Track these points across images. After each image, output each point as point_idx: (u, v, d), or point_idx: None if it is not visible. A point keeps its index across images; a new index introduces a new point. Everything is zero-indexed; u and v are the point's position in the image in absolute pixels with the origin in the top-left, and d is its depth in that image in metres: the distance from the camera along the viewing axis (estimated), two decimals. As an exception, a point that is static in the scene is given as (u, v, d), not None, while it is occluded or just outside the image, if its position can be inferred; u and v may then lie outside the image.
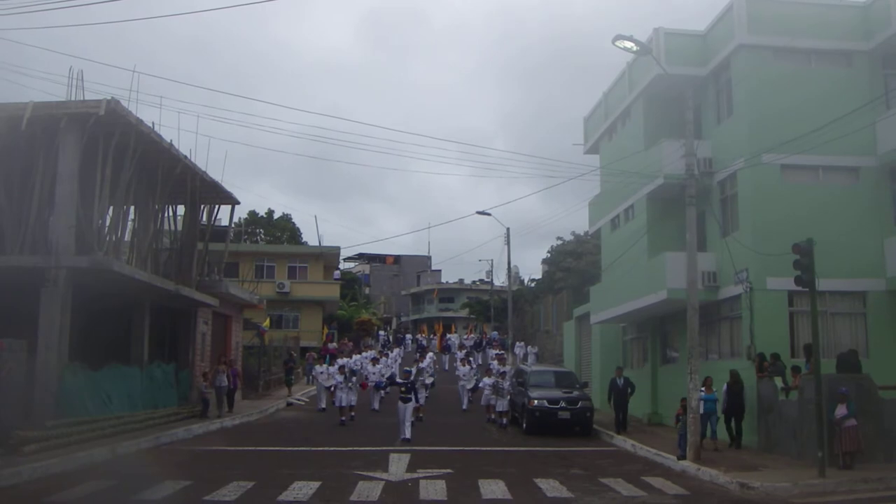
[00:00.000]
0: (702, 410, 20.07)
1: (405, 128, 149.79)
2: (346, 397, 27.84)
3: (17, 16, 17.84)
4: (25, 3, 16.56)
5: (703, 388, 20.49)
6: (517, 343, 52.74)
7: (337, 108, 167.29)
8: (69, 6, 17.04)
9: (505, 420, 27.34)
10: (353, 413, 28.20)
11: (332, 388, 29.46)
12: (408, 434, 22.64)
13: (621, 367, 25.84)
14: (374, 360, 34.96)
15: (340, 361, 32.44)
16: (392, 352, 45.83)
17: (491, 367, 32.21)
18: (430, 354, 46.41)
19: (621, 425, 25.24)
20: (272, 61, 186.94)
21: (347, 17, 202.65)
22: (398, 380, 26.38)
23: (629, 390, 26.15)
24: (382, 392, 32.03)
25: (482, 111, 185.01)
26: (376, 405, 31.57)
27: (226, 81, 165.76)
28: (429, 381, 31.88)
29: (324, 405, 31.73)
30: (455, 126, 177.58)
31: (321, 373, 32.60)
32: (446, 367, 49.06)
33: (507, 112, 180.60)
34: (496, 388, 28.01)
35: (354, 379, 29.44)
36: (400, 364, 41.30)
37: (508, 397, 27.87)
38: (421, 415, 27.28)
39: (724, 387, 21.82)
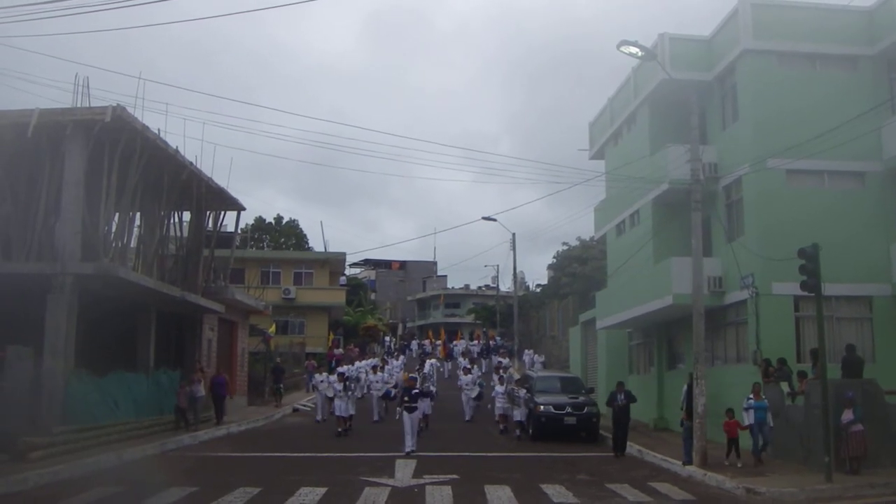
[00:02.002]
0: (751, 420, 19.24)
1: (409, 131, 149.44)
2: (346, 407, 26.64)
3: (21, 23, 17.87)
4: (29, 11, 16.62)
5: (751, 396, 19.56)
6: (525, 350, 52.22)
7: (340, 112, 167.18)
8: (71, 14, 17.10)
9: (519, 431, 26.20)
10: (349, 424, 26.90)
11: (333, 398, 27.97)
12: (413, 446, 21.47)
13: (622, 382, 23.89)
14: (376, 368, 34.01)
15: (341, 369, 32.12)
16: (396, 360, 45.09)
17: (493, 378, 31.95)
18: (432, 361, 45.62)
19: (620, 446, 22.33)
20: (273, 65, 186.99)
21: (348, 20, 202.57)
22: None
23: (629, 406, 23.03)
24: (385, 402, 30.84)
25: (486, 114, 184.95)
26: (379, 415, 30.72)
27: (227, 86, 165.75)
28: (432, 388, 30.85)
29: (322, 416, 30.50)
30: (459, 129, 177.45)
31: (321, 381, 31.07)
32: (447, 376, 47.95)
33: (511, 115, 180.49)
34: (512, 397, 26.81)
35: (354, 387, 28.26)
36: (403, 372, 40.81)
37: (525, 407, 26.27)
38: (424, 424, 26.31)
39: (685, 388, 22.26)
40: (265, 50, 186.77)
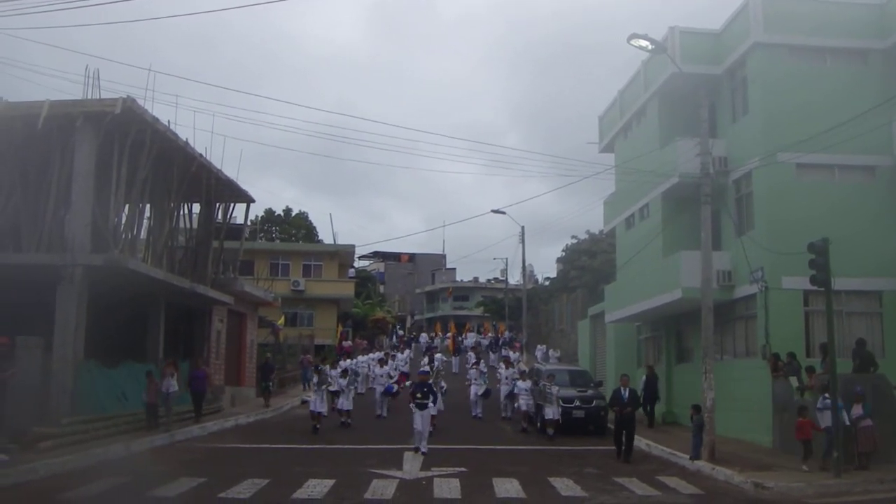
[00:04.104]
0: (828, 422, 17.23)
1: (416, 121, 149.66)
2: (321, 402, 24.94)
3: (29, 16, 17.96)
4: (37, 3, 16.65)
5: (826, 395, 17.46)
6: (538, 346, 51.47)
7: (346, 102, 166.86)
8: (77, 6, 17.13)
9: (551, 431, 24.10)
10: (347, 419, 25.85)
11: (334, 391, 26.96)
12: (424, 447, 19.94)
13: (627, 376, 22.15)
14: (382, 362, 33.11)
15: (343, 364, 31.82)
16: (402, 353, 44.25)
17: (498, 372, 31.62)
18: (439, 355, 44.73)
19: (625, 451, 19.99)
20: (279, 56, 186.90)
21: (353, 9, 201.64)
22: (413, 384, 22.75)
23: (635, 406, 21.24)
24: (388, 398, 29.65)
25: (494, 103, 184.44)
26: (382, 411, 29.27)
27: (233, 77, 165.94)
28: (443, 384, 29.11)
29: (325, 411, 27.86)
30: (466, 118, 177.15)
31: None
32: (455, 370, 46.99)
33: (519, 104, 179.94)
34: (543, 394, 24.91)
35: (344, 381, 26.84)
36: (409, 366, 40.27)
37: (559, 405, 24.56)
38: (432, 425, 24.13)
39: (643, 378, 27.07)
40: (271, 41, 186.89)
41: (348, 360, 35.75)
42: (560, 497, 14.51)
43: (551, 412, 24.28)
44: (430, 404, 21.08)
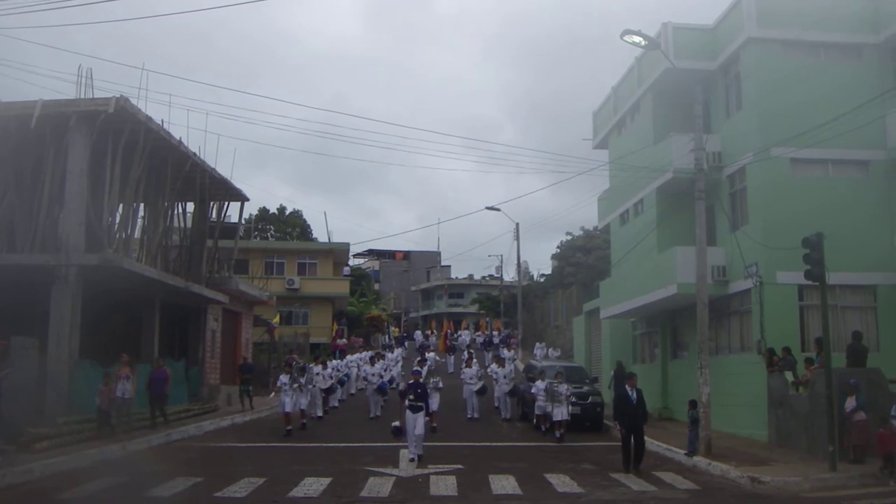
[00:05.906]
0: None
1: (412, 116, 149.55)
2: (292, 402, 24.08)
3: (23, 15, 17.94)
4: (28, 2, 16.61)
5: None
6: (537, 344, 51.03)
7: (342, 98, 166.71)
8: (73, 5, 17.09)
9: (559, 433, 23.15)
10: (303, 420, 24.89)
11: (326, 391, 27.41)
12: (418, 451, 18.36)
13: (635, 375, 19.18)
14: (373, 360, 32.16)
15: (333, 363, 31.69)
16: (393, 351, 43.19)
17: (490, 371, 31.49)
18: (431, 354, 43.75)
19: (635, 458, 17.35)
20: (274, 52, 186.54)
21: (350, 4, 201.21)
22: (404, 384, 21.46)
23: (644, 410, 18.30)
24: (382, 399, 29.24)
25: (490, 98, 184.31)
26: (376, 411, 28.61)
27: (229, 74, 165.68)
28: (440, 384, 26.79)
29: (320, 412, 28.08)
30: (464, 114, 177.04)
31: (317, 374, 28.46)
32: (450, 370, 45.78)
33: (516, 99, 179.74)
34: (552, 394, 23.84)
35: (303, 380, 25.15)
36: (402, 365, 39.97)
37: (569, 405, 23.60)
38: (434, 424, 23.31)
39: (612, 372, 27.33)
40: (267, 36, 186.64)
41: (336, 361, 35.56)
42: (556, 493, 14.51)
43: (560, 413, 23.16)
44: (422, 406, 19.02)
